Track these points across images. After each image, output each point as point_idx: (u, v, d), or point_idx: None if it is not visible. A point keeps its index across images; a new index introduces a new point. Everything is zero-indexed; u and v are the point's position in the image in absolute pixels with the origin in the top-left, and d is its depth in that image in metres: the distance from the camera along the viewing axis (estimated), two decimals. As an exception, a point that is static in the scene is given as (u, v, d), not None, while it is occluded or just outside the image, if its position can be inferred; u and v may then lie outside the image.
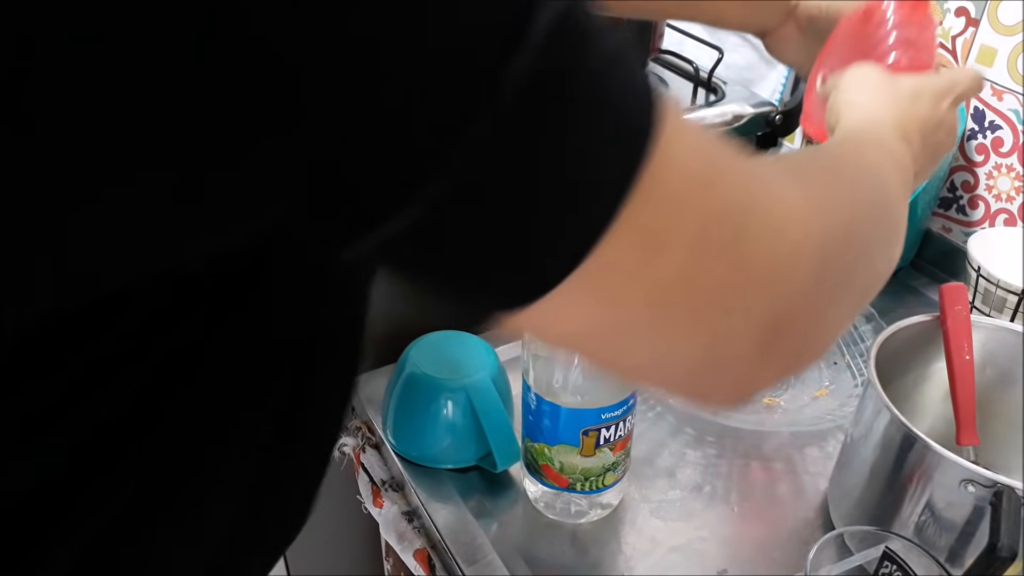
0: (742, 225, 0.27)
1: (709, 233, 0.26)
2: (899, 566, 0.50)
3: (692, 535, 0.63)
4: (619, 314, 0.26)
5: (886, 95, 0.47)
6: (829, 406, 0.74)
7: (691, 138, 0.26)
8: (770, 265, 0.28)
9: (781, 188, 0.29)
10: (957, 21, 0.88)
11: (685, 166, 0.25)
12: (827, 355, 0.81)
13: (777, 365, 0.31)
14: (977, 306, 0.80)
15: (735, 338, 0.28)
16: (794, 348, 0.31)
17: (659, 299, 0.26)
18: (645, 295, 0.26)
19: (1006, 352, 0.64)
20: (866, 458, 0.59)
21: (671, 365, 0.29)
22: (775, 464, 0.70)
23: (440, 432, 0.66)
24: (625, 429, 0.60)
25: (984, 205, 0.91)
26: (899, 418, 0.55)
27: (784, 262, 0.28)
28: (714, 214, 0.26)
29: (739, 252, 0.27)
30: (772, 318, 0.29)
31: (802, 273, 0.29)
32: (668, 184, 0.24)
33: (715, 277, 0.26)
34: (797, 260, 0.29)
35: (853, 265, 0.33)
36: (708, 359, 0.29)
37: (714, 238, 0.26)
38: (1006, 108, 0.86)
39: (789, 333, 0.30)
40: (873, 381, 0.57)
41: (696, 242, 0.25)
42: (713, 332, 0.28)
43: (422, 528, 0.66)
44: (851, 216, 0.33)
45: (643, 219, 0.24)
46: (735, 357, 0.29)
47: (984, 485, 0.51)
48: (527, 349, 0.58)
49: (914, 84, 0.48)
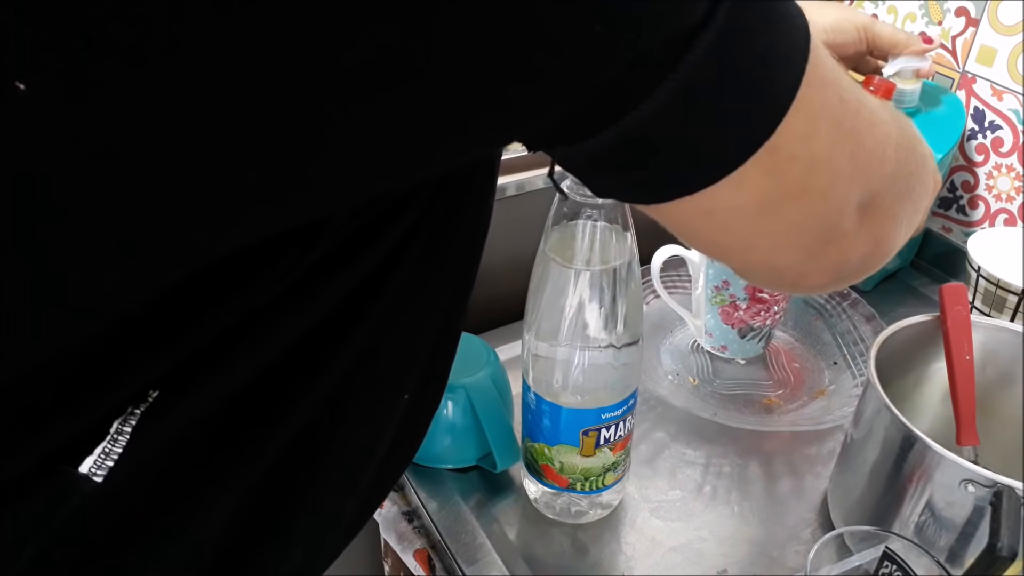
0: (859, 114, 0.31)
1: (842, 119, 0.30)
2: (899, 566, 0.50)
3: (692, 535, 0.64)
4: (773, 189, 0.30)
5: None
6: (829, 406, 0.74)
7: (817, 44, 0.30)
8: (875, 149, 0.33)
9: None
10: (957, 21, 0.88)
11: (824, 61, 0.29)
12: (826, 355, 0.82)
13: (866, 243, 0.35)
14: (977, 306, 0.80)
15: (845, 212, 0.32)
16: (878, 230, 0.36)
17: (806, 174, 0.30)
18: (800, 171, 0.29)
19: (1006, 352, 0.64)
20: (866, 458, 0.59)
21: (792, 244, 0.33)
22: (775, 464, 0.70)
23: (440, 432, 0.66)
24: (625, 429, 0.60)
25: (984, 205, 0.91)
26: (899, 418, 0.55)
27: (882, 148, 0.33)
28: (843, 103, 0.30)
29: (858, 136, 0.31)
30: (870, 195, 0.33)
31: (891, 160, 0.34)
32: (819, 73, 0.28)
33: (844, 155, 0.31)
34: (888, 149, 0.34)
35: (913, 172, 0.37)
36: (824, 234, 0.33)
37: (845, 123, 0.30)
38: (1006, 108, 0.86)
39: (878, 211, 0.34)
40: (873, 381, 0.57)
41: (835, 125, 0.30)
42: (835, 207, 0.32)
43: (422, 528, 0.66)
44: (906, 133, 0.37)
45: (805, 103, 0.28)
46: (843, 232, 0.33)
47: (984, 485, 0.51)
48: (527, 349, 0.58)
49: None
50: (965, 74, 0.89)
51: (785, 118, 0.27)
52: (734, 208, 0.30)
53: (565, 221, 0.53)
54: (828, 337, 0.83)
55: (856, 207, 0.33)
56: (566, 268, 0.53)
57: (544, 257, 0.54)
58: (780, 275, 0.37)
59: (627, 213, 0.52)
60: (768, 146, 0.27)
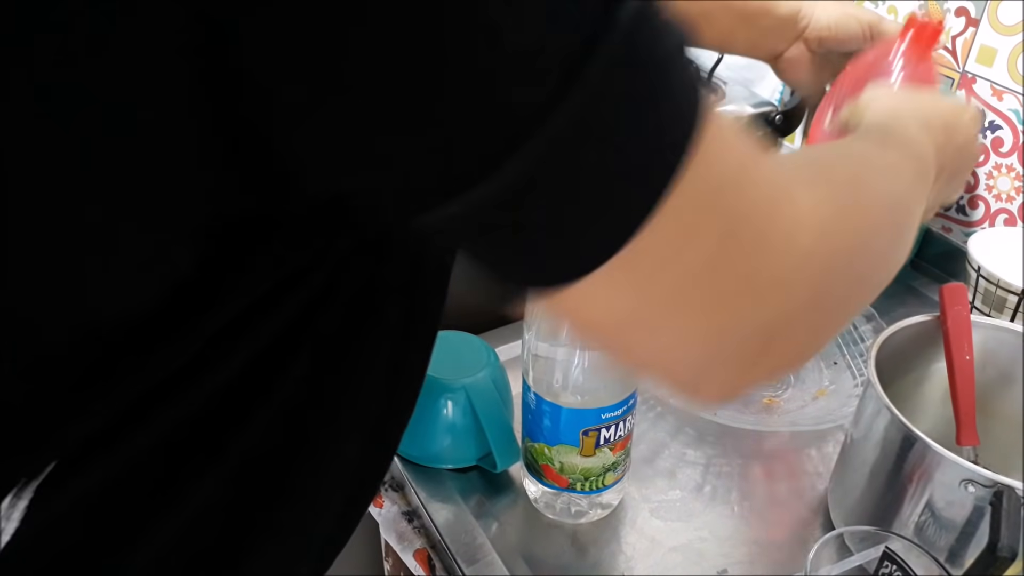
0: (761, 230, 0.28)
1: (735, 232, 0.27)
2: (899, 566, 0.50)
3: (692, 535, 0.63)
4: (644, 299, 0.27)
5: (906, 95, 0.48)
6: (829, 406, 0.74)
7: (727, 137, 0.27)
8: (779, 273, 0.29)
9: (799, 194, 0.30)
10: (957, 21, 0.88)
11: (721, 164, 0.26)
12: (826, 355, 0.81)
13: (770, 366, 0.33)
14: (977, 306, 0.80)
15: (737, 336, 0.29)
16: (788, 352, 0.33)
17: (681, 288, 0.27)
18: (671, 283, 0.27)
19: (1006, 352, 0.64)
20: (866, 458, 0.59)
21: (677, 357, 0.30)
22: (775, 464, 0.70)
23: (440, 432, 0.66)
24: (625, 429, 0.60)
25: (984, 205, 0.91)
26: (899, 418, 0.55)
27: (792, 272, 0.30)
28: (741, 215, 0.27)
29: (755, 255, 0.28)
30: (772, 323, 0.30)
31: (806, 285, 0.30)
32: (706, 180, 0.26)
33: (732, 275, 0.28)
34: (804, 272, 0.30)
35: (860, 275, 0.34)
36: (710, 353, 0.30)
37: (737, 238, 0.27)
38: (1006, 108, 0.86)
39: (786, 338, 0.31)
40: (873, 381, 0.57)
41: (723, 238, 0.27)
42: (720, 328, 0.29)
43: (422, 528, 0.66)
44: (863, 226, 0.34)
45: (681, 210, 0.25)
46: (734, 355, 0.30)
47: (984, 485, 0.51)
48: (527, 349, 0.58)
49: (932, 93, 0.49)
50: (965, 74, 0.89)
51: (651, 221, 0.25)
52: (606, 316, 0.28)
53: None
54: (828, 337, 0.83)
55: (753, 332, 0.30)
56: (566, 268, 0.53)
57: (544, 257, 0.54)
58: (675, 385, 0.34)
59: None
60: (628, 251, 0.25)
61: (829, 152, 0.41)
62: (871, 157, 0.40)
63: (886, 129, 0.43)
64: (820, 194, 0.32)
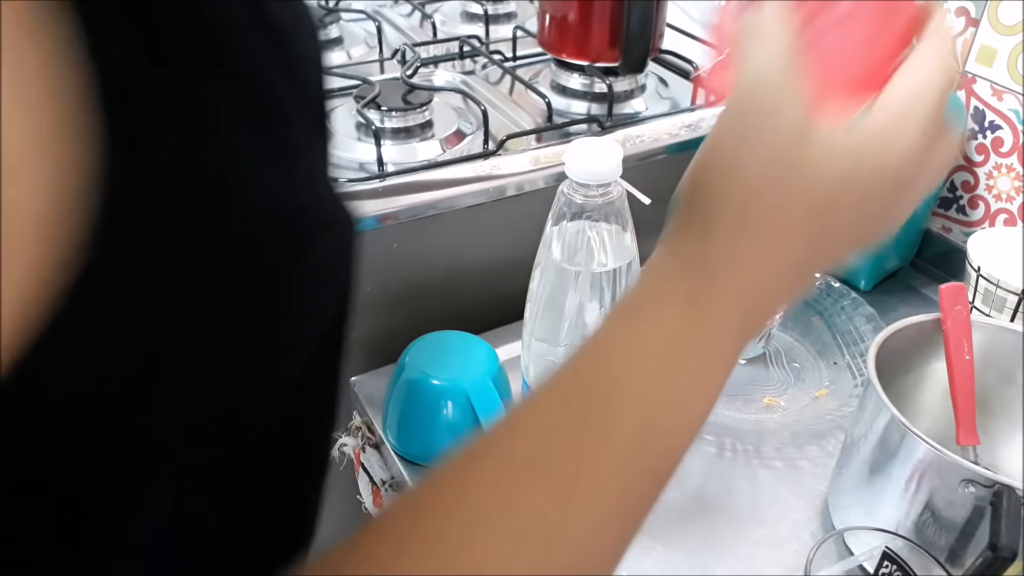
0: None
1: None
2: (899, 566, 0.50)
3: (692, 535, 0.64)
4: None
5: (789, 154, 0.32)
6: (829, 406, 0.74)
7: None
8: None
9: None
10: (957, 21, 0.88)
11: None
12: (826, 355, 0.81)
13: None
14: (977, 306, 0.80)
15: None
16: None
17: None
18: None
19: (1006, 352, 0.64)
20: (866, 458, 0.59)
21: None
22: (775, 464, 0.70)
23: (440, 432, 0.66)
24: (625, 429, 0.60)
25: (984, 205, 0.91)
26: (899, 418, 0.55)
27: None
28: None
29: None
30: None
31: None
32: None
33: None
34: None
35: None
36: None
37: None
38: (1006, 108, 0.86)
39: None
40: (873, 381, 0.57)
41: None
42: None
43: (422, 528, 0.66)
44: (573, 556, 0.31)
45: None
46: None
47: (984, 485, 0.51)
48: (527, 349, 0.58)
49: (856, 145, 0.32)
50: (965, 74, 0.89)
51: None
52: None
53: (565, 221, 0.53)
54: (828, 337, 0.83)
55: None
56: (566, 268, 0.53)
57: (544, 257, 0.54)
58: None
59: (627, 213, 0.52)
60: None
61: (572, 423, 0.33)
62: (631, 414, 0.33)
63: (714, 260, 0.33)
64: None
